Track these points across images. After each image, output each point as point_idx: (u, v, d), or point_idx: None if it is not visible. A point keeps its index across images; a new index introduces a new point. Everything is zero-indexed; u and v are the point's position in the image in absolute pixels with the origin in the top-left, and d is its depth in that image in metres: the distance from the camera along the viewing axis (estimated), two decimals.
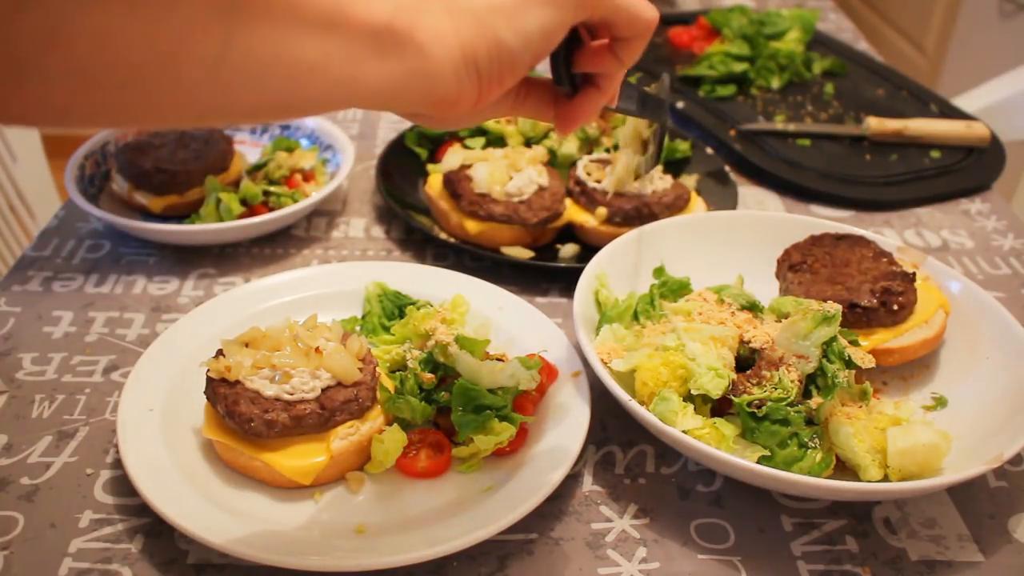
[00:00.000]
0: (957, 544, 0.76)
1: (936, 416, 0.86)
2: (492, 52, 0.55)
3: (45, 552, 0.71)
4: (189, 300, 1.01)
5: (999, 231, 1.22)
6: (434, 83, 0.54)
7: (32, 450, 0.80)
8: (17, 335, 0.94)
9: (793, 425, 0.75)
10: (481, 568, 0.72)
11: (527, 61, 0.57)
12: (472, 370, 0.80)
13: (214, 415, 0.77)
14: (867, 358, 0.82)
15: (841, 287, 0.91)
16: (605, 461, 0.83)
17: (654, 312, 0.88)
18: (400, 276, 0.96)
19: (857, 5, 3.75)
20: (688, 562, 0.73)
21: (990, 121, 1.43)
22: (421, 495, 0.77)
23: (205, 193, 1.10)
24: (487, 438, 0.77)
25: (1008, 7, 2.80)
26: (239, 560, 0.70)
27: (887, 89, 1.59)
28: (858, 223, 1.21)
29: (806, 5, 2.07)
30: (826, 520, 0.78)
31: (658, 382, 0.79)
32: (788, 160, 1.33)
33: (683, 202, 1.11)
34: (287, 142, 1.20)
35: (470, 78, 0.55)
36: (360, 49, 0.51)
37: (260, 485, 0.76)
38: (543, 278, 1.07)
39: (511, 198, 1.07)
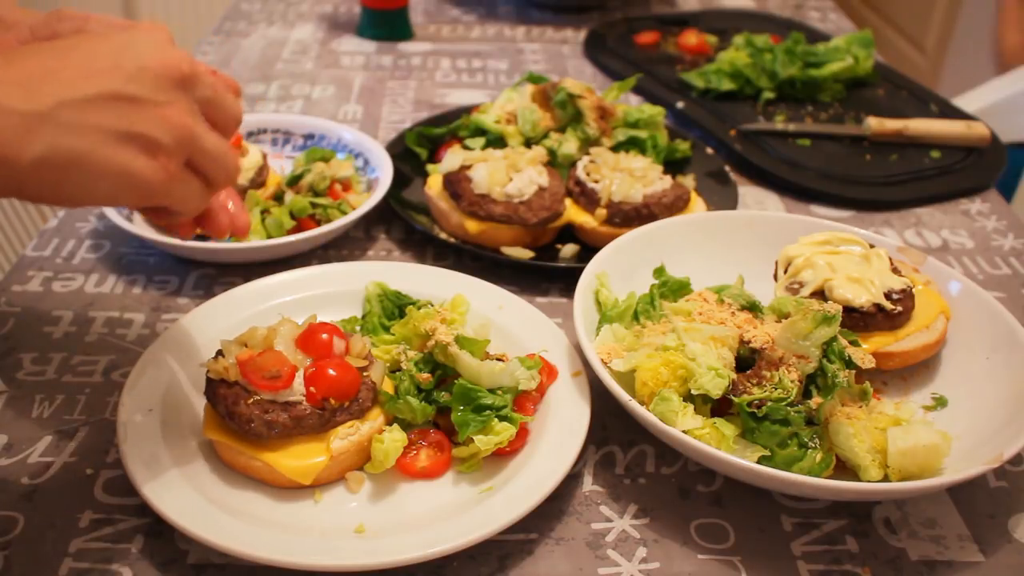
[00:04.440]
0: (957, 544, 0.76)
1: (936, 416, 0.86)
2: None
3: (45, 552, 0.71)
4: (189, 300, 1.01)
5: (999, 231, 1.22)
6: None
7: (32, 450, 0.80)
8: (17, 335, 0.94)
9: (793, 425, 0.75)
10: (481, 568, 0.72)
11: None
12: (472, 370, 0.80)
13: (214, 415, 0.77)
14: (867, 358, 0.82)
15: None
16: (605, 461, 0.83)
17: (654, 312, 0.88)
18: (400, 276, 0.96)
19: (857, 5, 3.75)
20: (688, 562, 0.73)
21: (990, 121, 1.43)
22: (421, 495, 0.77)
23: (248, 208, 1.09)
24: (487, 438, 0.76)
25: None
26: (239, 560, 0.70)
27: (887, 89, 1.59)
28: (858, 223, 1.21)
29: (805, 7, 2.07)
30: (826, 520, 0.78)
31: (658, 382, 0.79)
32: (788, 160, 1.33)
33: (683, 202, 1.11)
34: (322, 152, 1.20)
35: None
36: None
37: (260, 485, 0.76)
38: (543, 278, 1.07)
39: (511, 198, 1.07)
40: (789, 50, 1.55)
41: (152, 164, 0.57)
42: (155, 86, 0.57)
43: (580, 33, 1.84)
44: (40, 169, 0.54)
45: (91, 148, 0.55)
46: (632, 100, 1.54)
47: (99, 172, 0.56)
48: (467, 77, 1.63)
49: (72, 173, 0.55)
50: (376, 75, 1.61)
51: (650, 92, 1.54)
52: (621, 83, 1.35)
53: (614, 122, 1.23)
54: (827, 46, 1.59)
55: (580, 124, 1.20)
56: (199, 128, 0.60)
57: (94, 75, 0.56)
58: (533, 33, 1.84)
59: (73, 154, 0.54)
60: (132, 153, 0.56)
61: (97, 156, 0.55)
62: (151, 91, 0.57)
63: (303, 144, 1.28)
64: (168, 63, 0.58)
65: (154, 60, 0.58)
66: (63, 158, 0.54)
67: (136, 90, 0.57)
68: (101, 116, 0.55)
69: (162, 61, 0.58)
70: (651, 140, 1.23)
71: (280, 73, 1.61)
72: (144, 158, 0.57)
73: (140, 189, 0.58)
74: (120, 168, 0.56)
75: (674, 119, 1.45)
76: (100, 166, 0.56)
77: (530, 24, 1.89)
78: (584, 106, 1.20)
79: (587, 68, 1.69)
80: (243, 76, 1.59)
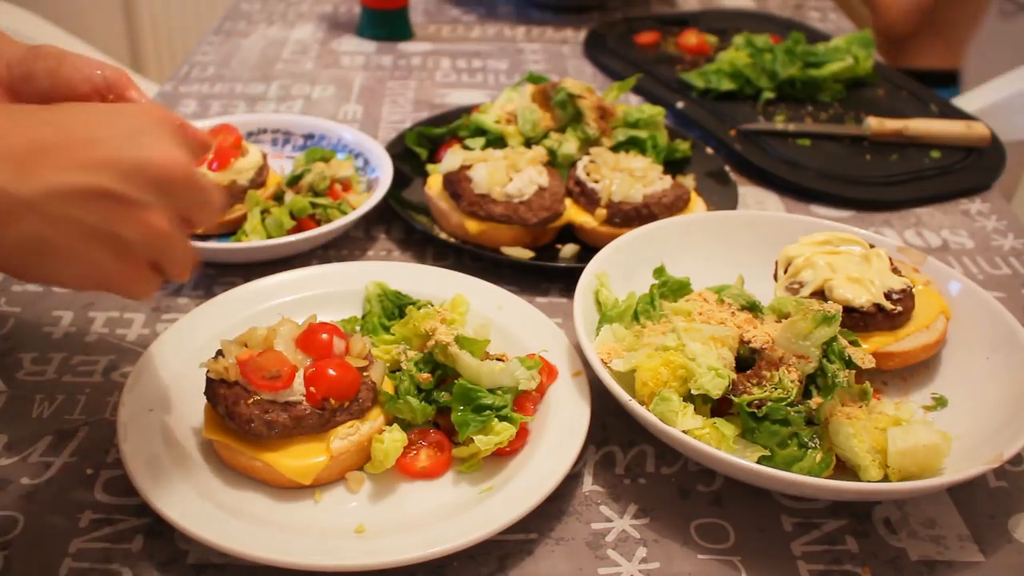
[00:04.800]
0: (957, 544, 0.76)
1: (936, 416, 0.86)
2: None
3: (45, 552, 0.71)
4: (189, 300, 1.01)
5: (999, 231, 1.22)
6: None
7: (32, 450, 0.80)
8: (17, 335, 0.94)
9: (793, 425, 0.75)
10: (481, 568, 0.72)
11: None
12: (472, 370, 0.80)
13: (214, 415, 0.77)
14: (867, 358, 0.82)
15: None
16: (605, 461, 0.83)
17: (654, 312, 0.88)
18: (400, 276, 0.96)
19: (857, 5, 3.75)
20: (688, 562, 0.73)
21: (990, 121, 1.43)
22: (421, 495, 0.77)
23: (247, 208, 1.09)
24: (487, 438, 0.76)
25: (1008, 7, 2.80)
26: (239, 560, 0.70)
27: (887, 89, 1.59)
28: (858, 223, 1.21)
29: (805, 7, 2.07)
30: (826, 520, 0.78)
31: (658, 382, 0.79)
32: (788, 160, 1.33)
33: (683, 202, 1.11)
34: (322, 152, 1.20)
35: None
36: None
37: (260, 485, 0.76)
38: (543, 278, 1.07)
39: (511, 198, 1.07)
40: (789, 50, 1.55)
41: (119, 265, 0.59)
42: (145, 186, 0.57)
43: (580, 33, 1.84)
44: (14, 251, 0.55)
45: (68, 242, 0.56)
46: (632, 100, 1.54)
47: (69, 263, 0.57)
48: (467, 77, 1.63)
49: (43, 260, 0.56)
50: (376, 75, 1.61)
51: (650, 92, 1.54)
52: (621, 83, 1.35)
53: (614, 122, 1.23)
54: (827, 46, 1.59)
55: (580, 124, 1.20)
56: (173, 234, 0.60)
57: (90, 165, 0.56)
58: (533, 33, 1.84)
59: (49, 245, 0.55)
60: (105, 252, 0.57)
61: (71, 250, 0.56)
62: (140, 191, 0.57)
63: (303, 144, 1.28)
64: (166, 164, 0.58)
65: (153, 159, 0.58)
66: (40, 246, 0.55)
67: (126, 189, 0.56)
68: (85, 212, 0.55)
69: (161, 161, 0.58)
70: (651, 140, 1.23)
71: (280, 73, 1.61)
72: (114, 259, 0.58)
73: (101, 283, 0.59)
74: (88, 264, 0.57)
75: (674, 119, 1.45)
76: (71, 258, 0.57)
77: (530, 24, 1.89)
78: (584, 106, 1.20)
79: (587, 68, 1.69)
80: (243, 76, 1.59)
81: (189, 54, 1.69)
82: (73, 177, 0.55)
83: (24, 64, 0.77)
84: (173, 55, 3.10)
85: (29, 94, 0.78)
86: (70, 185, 0.55)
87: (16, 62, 0.77)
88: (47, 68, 0.77)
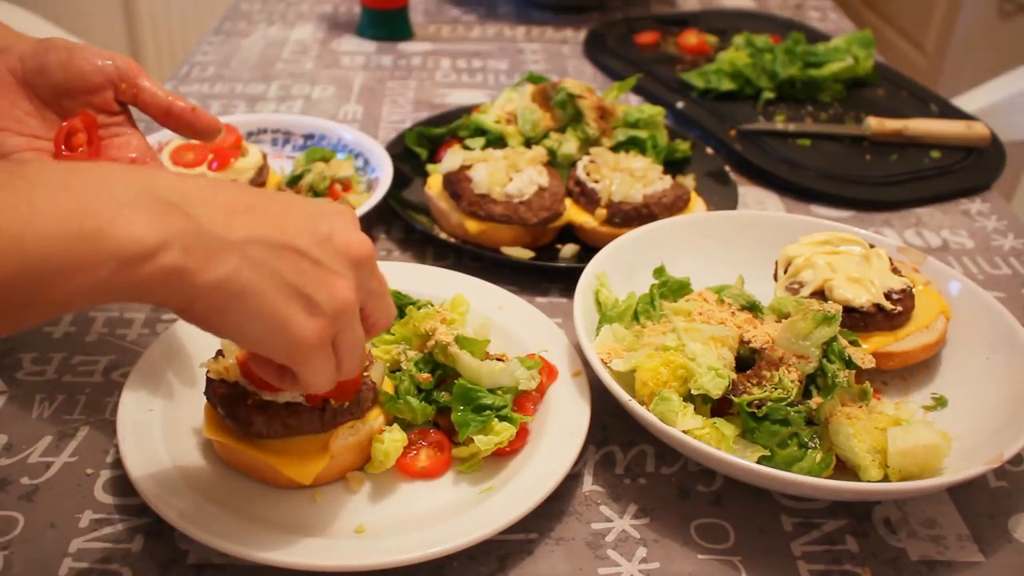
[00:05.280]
0: (957, 544, 0.76)
1: (936, 416, 0.86)
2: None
3: (45, 552, 0.71)
4: None
5: (999, 231, 1.22)
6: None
7: (32, 450, 0.80)
8: (17, 335, 0.94)
9: (793, 425, 0.75)
10: (481, 568, 0.72)
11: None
12: (472, 370, 0.80)
13: (214, 415, 0.77)
14: (867, 358, 0.82)
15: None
16: (605, 461, 0.83)
17: (654, 312, 0.88)
18: (400, 276, 0.96)
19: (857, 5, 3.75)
20: (688, 562, 0.73)
21: (990, 121, 1.43)
22: (421, 495, 0.77)
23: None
24: (487, 438, 0.77)
25: (1008, 7, 2.80)
26: (239, 560, 0.70)
27: (887, 89, 1.59)
28: (858, 223, 1.21)
29: (805, 7, 2.07)
30: (826, 520, 0.78)
31: (658, 382, 0.79)
32: (788, 160, 1.33)
33: (683, 202, 1.11)
34: (322, 152, 1.20)
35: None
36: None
37: (260, 485, 0.76)
38: (543, 278, 1.07)
39: (511, 198, 1.07)
40: (789, 50, 1.55)
41: (309, 323, 0.58)
42: (335, 257, 0.59)
43: (580, 33, 1.84)
44: (213, 292, 0.55)
45: (263, 288, 0.56)
46: (632, 100, 1.54)
47: (262, 312, 0.57)
48: (467, 77, 1.63)
49: (239, 305, 0.56)
50: (376, 75, 1.61)
51: (650, 92, 1.54)
52: (621, 83, 1.35)
53: (614, 122, 1.23)
54: (827, 46, 1.59)
55: (580, 124, 1.20)
56: (355, 310, 0.61)
57: (288, 228, 0.58)
58: (533, 33, 1.84)
59: (246, 287, 0.56)
60: (296, 307, 0.58)
61: (266, 297, 0.57)
62: (330, 260, 0.59)
63: (303, 144, 1.28)
64: (352, 242, 0.61)
65: (341, 235, 0.60)
66: (237, 288, 0.55)
67: (319, 254, 0.59)
68: (282, 264, 0.57)
69: (347, 238, 0.61)
70: (651, 140, 1.23)
71: (280, 73, 1.61)
72: (304, 315, 0.58)
73: (290, 344, 0.59)
74: (280, 316, 0.57)
75: (674, 119, 1.45)
76: (265, 307, 0.57)
77: (530, 24, 1.89)
78: (584, 106, 1.20)
79: (587, 68, 1.69)
80: (243, 76, 1.59)
81: (189, 54, 1.69)
82: (273, 233, 0.57)
83: (36, 57, 0.78)
84: (173, 55, 3.10)
85: (43, 86, 0.79)
86: (271, 237, 0.57)
87: (28, 56, 0.78)
88: (59, 60, 0.78)
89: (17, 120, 0.79)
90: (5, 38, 0.80)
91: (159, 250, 0.52)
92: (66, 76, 0.78)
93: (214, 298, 0.55)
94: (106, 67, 0.80)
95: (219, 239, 0.55)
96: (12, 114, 0.79)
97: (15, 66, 0.79)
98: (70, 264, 0.49)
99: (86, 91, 0.80)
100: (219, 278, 0.55)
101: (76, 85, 0.79)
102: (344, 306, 0.60)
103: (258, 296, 0.56)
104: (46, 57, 0.78)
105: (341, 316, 0.60)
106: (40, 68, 0.78)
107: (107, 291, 0.52)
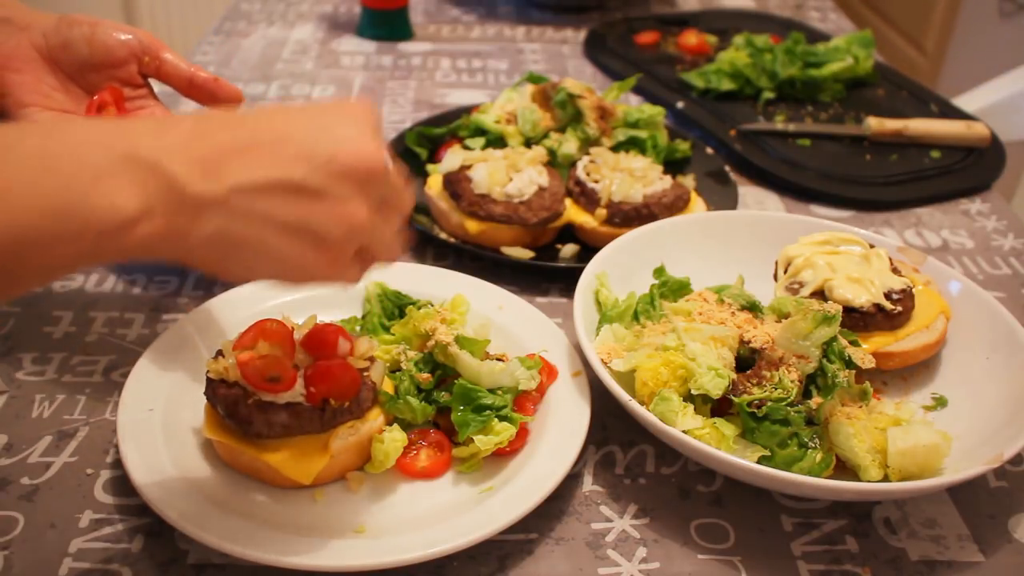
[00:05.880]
0: (957, 544, 0.76)
1: (936, 416, 0.86)
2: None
3: (45, 552, 0.71)
4: (189, 300, 1.01)
5: (999, 231, 1.22)
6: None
7: (32, 450, 0.80)
8: (17, 335, 0.94)
9: (793, 425, 0.75)
10: (481, 568, 0.72)
11: None
12: (472, 370, 0.80)
13: (214, 415, 0.77)
14: (867, 358, 0.82)
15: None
16: (605, 461, 0.83)
17: (654, 312, 0.88)
18: (400, 276, 0.96)
19: (857, 5, 3.76)
20: (688, 562, 0.73)
21: (990, 121, 1.43)
22: (421, 495, 0.77)
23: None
24: (487, 438, 0.77)
25: (1008, 7, 2.80)
26: (239, 560, 0.70)
27: (887, 89, 1.59)
28: (858, 223, 1.21)
29: (805, 7, 2.07)
30: (826, 520, 0.78)
31: (658, 382, 0.79)
32: (788, 160, 1.33)
33: (683, 202, 1.11)
34: None
35: None
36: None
37: (260, 485, 0.76)
38: (543, 278, 1.07)
39: (511, 198, 1.07)
40: (789, 50, 1.55)
41: (318, 257, 0.57)
42: (340, 181, 0.56)
43: (580, 33, 1.84)
44: (205, 247, 0.54)
45: (259, 236, 0.55)
46: (632, 100, 1.54)
47: (266, 257, 0.56)
48: (467, 77, 1.63)
49: (238, 254, 0.56)
50: (376, 75, 1.61)
51: (650, 92, 1.54)
52: (621, 83, 1.35)
53: (614, 122, 1.23)
54: (827, 46, 1.59)
55: (580, 124, 1.20)
56: (375, 223, 0.60)
57: (282, 161, 0.55)
58: (533, 33, 1.84)
59: (240, 239, 0.55)
60: (299, 246, 0.56)
61: (265, 243, 0.55)
62: (334, 185, 0.56)
63: None
64: (361, 157, 0.57)
65: (348, 152, 0.56)
66: (229, 241, 0.55)
67: (320, 182, 0.56)
68: (276, 206, 0.55)
69: (356, 154, 0.57)
70: (651, 140, 1.23)
71: (280, 73, 1.61)
72: (311, 251, 0.57)
73: (302, 275, 0.59)
74: (286, 257, 0.57)
75: (674, 119, 1.45)
76: (266, 252, 0.56)
77: (530, 24, 1.89)
78: (584, 106, 1.20)
79: (587, 68, 1.69)
80: (243, 76, 1.59)
81: (189, 54, 1.69)
82: (259, 173, 0.54)
83: (60, 33, 0.80)
84: None
85: (68, 62, 0.82)
86: (255, 181, 0.54)
87: (51, 32, 0.80)
88: (83, 35, 0.80)
89: (44, 95, 0.81)
90: (26, 16, 0.81)
91: (141, 218, 0.51)
92: (91, 51, 0.81)
93: (209, 252, 0.55)
94: (129, 41, 0.82)
95: (202, 197, 0.53)
96: (39, 89, 0.81)
97: (39, 42, 0.80)
98: (50, 237, 0.48)
99: (111, 65, 0.82)
100: (208, 235, 0.54)
101: (101, 59, 0.81)
102: (356, 229, 0.58)
103: (255, 244, 0.55)
104: (70, 32, 0.80)
105: (356, 236, 0.58)
106: (64, 43, 0.80)
107: (92, 257, 0.51)
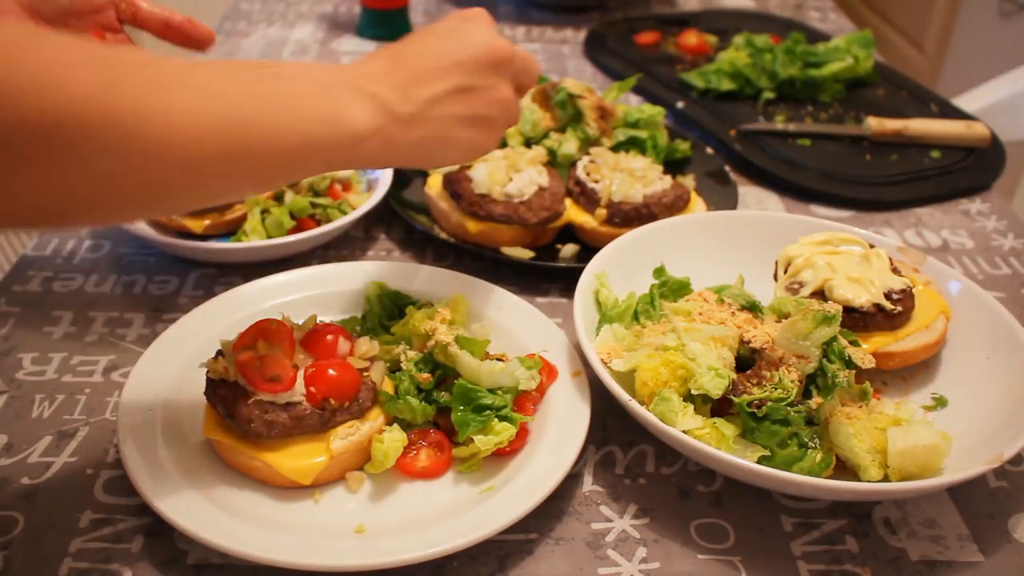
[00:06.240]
0: (957, 544, 0.76)
1: (936, 416, 0.86)
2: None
3: (45, 552, 0.71)
4: (189, 300, 1.01)
5: (999, 231, 1.22)
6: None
7: (32, 450, 0.80)
8: (17, 335, 0.94)
9: (793, 425, 0.75)
10: (481, 568, 0.72)
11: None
12: (472, 370, 0.80)
13: (214, 415, 0.77)
14: (867, 358, 0.82)
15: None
16: (605, 461, 0.83)
17: (654, 312, 0.88)
18: (400, 276, 0.96)
19: (857, 5, 3.76)
20: (688, 562, 0.73)
21: (990, 121, 1.43)
22: (421, 495, 0.77)
23: (247, 209, 1.08)
24: (487, 438, 0.76)
25: (1008, 7, 2.80)
26: (239, 560, 0.70)
27: (887, 89, 1.59)
28: (858, 223, 1.21)
29: (805, 7, 2.07)
30: (826, 520, 0.78)
31: (658, 382, 0.79)
32: (788, 160, 1.33)
33: (683, 202, 1.11)
34: None
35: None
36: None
37: (260, 485, 0.76)
38: (543, 278, 1.07)
39: (511, 198, 1.07)
40: (789, 50, 1.55)
41: (488, 136, 0.77)
42: (487, 73, 0.74)
43: (580, 33, 1.84)
44: (414, 149, 0.71)
45: (449, 133, 0.73)
46: (632, 100, 1.54)
47: (454, 146, 0.75)
48: None
49: (436, 149, 0.74)
50: None
51: (650, 92, 1.54)
52: (621, 83, 1.35)
53: (614, 122, 1.23)
54: (827, 46, 1.59)
55: (580, 124, 1.20)
56: (514, 98, 0.78)
57: (444, 74, 0.72)
58: (533, 33, 1.84)
59: (438, 138, 0.72)
60: (477, 132, 0.75)
61: (454, 137, 0.73)
62: (482, 78, 0.74)
63: None
64: (492, 50, 0.74)
65: (482, 50, 0.74)
66: (431, 141, 0.72)
67: (472, 80, 0.73)
68: (454, 107, 0.72)
69: (488, 49, 0.74)
70: (651, 140, 1.23)
71: None
72: (484, 133, 0.76)
73: (480, 153, 0.78)
74: (468, 143, 0.75)
75: (674, 119, 1.45)
76: (455, 143, 0.74)
77: (530, 24, 1.89)
78: (584, 106, 1.20)
79: (587, 68, 1.69)
80: None
81: (189, 54, 1.68)
82: (438, 86, 0.71)
83: None
84: (173, 55, 3.10)
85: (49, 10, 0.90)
86: (439, 91, 0.71)
87: None
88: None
89: None
90: None
91: (377, 131, 0.67)
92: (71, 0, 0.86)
93: (414, 153, 0.72)
94: None
95: (408, 114, 0.69)
96: None
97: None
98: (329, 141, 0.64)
99: (91, 11, 0.89)
100: (414, 141, 0.70)
101: (82, 6, 0.87)
102: (508, 106, 0.77)
103: (446, 140, 0.73)
104: None
105: (508, 112, 0.77)
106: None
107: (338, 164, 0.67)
